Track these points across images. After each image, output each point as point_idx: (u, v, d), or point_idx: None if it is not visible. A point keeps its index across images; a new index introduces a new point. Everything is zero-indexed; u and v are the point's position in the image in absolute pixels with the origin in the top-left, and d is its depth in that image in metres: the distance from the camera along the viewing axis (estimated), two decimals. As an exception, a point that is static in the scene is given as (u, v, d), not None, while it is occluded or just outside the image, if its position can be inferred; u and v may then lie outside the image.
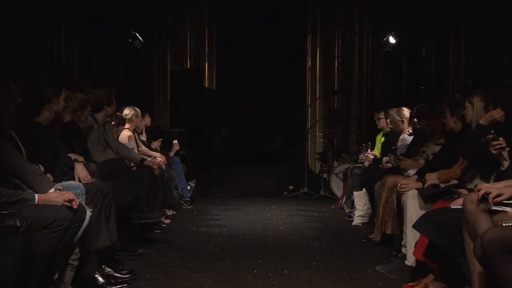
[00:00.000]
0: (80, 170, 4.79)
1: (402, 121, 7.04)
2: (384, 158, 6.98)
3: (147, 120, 8.51)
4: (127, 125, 7.43)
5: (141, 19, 11.03)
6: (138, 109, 7.64)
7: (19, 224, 3.33)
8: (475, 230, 3.48)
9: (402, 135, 7.00)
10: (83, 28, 8.77)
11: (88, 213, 4.05)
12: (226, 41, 11.77)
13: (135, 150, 7.07)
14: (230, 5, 11.73)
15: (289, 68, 11.71)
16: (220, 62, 11.87)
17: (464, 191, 4.27)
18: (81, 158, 5.02)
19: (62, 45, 8.07)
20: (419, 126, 6.30)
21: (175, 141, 8.65)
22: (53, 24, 7.86)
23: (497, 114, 4.48)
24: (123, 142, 7.03)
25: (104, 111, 6.06)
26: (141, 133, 8.07)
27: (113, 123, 6.56)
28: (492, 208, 3.51)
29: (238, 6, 11.69)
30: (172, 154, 8.50)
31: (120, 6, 10.28)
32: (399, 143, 6.97)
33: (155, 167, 6.45)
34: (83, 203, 4.10)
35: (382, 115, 8.12)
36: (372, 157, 7.69)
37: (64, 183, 4.34)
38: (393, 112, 7.18)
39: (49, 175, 4.23)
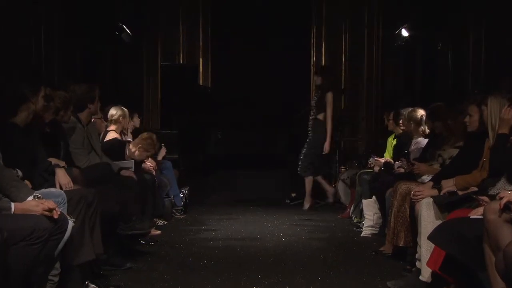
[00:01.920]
0: (62, 176, 4.78)
1: (416, 122, 7.01)
2: (396, 162, 6.96)
3: (136, 121, 8.49)
4: (113, 127, 7.42)
5: (128, 9, 11.02)
6: (125, 109, 7.62)
7: (-7, 236, 3.31)
8: (497, 242, 3.47)
9: (416, 137, 6.98)
10: (64, 20, 8.75)
11: (70, 223, 4.04)
12: (223, 34, 11.77)
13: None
14: (227, -5, 11.76)
15: (291, 64, 11.71)
16: (216, 57, 11.87)
17: (485, 198, 4.25)
18: (62, 163, 5.01)
19: (42, 39, 8.05)
20: (433, 128, 6.28)
21: (162, 145, 8.62)
22: (32, 15, 7.84)
23: (507, 114, 4.44)
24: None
25: (87, 109, 6.05)
26: (126, 135, 8.04)
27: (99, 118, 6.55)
28: (516, 218, 3.50)
29: (236, -5, 11.72)
30: (160, 158, 8.47)
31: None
32: (413, 146, 6.95)
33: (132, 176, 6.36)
34: (65, 213, 4.09)
35: (393, 116, 8.10)
36: (382, 162, 7.67)
37: (43, 190, 4.33)
38: (406, 112, 7.16)
39: (27, 182, 4.21)
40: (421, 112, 6.96)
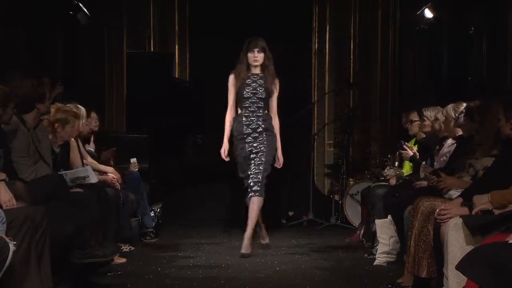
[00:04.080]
0: (2, 192, 4.77)
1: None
2: (423, 164, 6.94)
3: (93, 123, 8.46)
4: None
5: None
6: (82, 108, 7.62)
7: None
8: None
9: (451, 139, 6.91)
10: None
11: (11, 247, 4.01)
12: (203, 15, 11.76)
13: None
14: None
15: (288, 53, 11.71)
16: (196, 45, 11.86)
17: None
18: (3, 176, 4.99)
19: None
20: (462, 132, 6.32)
21: (134, 160, 8.59)
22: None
23: None
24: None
25: (36, 110, 6.03)
26: (87, 140, 8.04)
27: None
28: None
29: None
30: (135, 169, 8.48)
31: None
32: (445, 149, 6.92)
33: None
34: (3, 234, 4.06)
35: (415, 116, 8.12)
36: (412, 153, 7.65)
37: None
38: (448, 108, 7.07)
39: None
40: None
